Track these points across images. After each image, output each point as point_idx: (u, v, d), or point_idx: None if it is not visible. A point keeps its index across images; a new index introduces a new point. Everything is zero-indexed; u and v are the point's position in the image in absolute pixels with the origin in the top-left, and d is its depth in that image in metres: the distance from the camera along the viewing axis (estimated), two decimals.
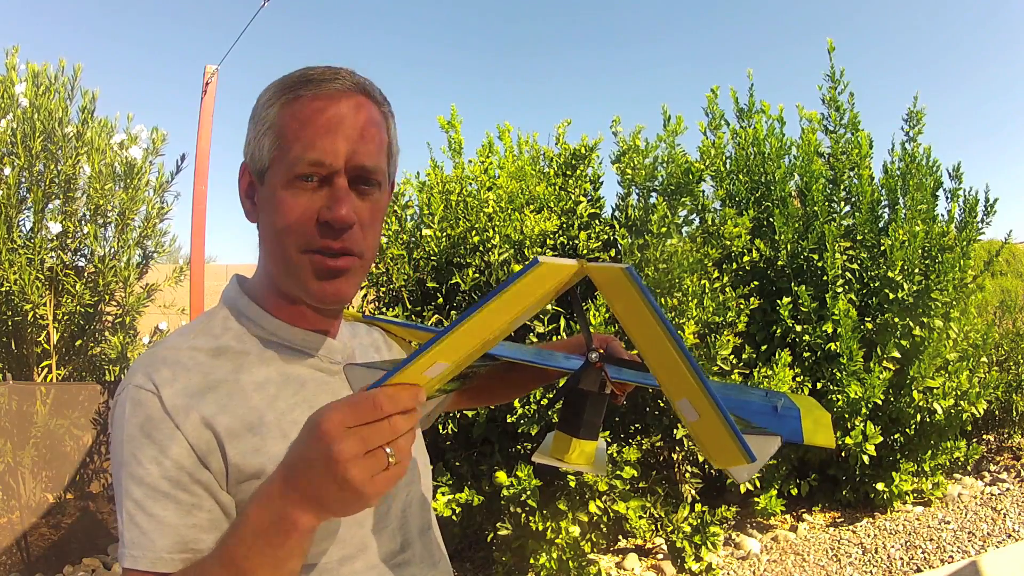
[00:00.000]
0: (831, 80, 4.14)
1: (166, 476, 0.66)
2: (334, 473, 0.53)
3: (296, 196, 0.71)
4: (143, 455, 0.66)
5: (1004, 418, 4.67)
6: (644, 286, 0.54)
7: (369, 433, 0.54)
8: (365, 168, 0.72)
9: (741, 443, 0.59)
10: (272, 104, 0.73)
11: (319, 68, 0.74)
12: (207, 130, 6.04)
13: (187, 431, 0.67)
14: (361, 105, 0.73)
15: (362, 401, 0.54)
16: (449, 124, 3.91)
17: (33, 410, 3.82)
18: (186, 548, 0.66)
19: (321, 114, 0.71)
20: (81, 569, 3.66)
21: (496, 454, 3.30)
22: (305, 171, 0.70)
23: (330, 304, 0.76)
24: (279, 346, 0.77)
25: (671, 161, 3.64)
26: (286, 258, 0.73)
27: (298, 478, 0.56)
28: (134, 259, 4.63)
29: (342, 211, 0.70)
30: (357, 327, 0.94)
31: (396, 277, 3.49)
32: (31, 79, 4.29)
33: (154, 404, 0.67)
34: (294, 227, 0.71)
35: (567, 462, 0.79)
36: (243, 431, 0.70)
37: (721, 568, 3.31)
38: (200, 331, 0.75)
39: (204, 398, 0.69)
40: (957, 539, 3.35)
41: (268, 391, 0.73)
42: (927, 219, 3.92)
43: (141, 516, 0.65)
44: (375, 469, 0.54)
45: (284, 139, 0.71)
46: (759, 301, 3.61)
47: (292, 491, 0.56)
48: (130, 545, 0.65)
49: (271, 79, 0.77)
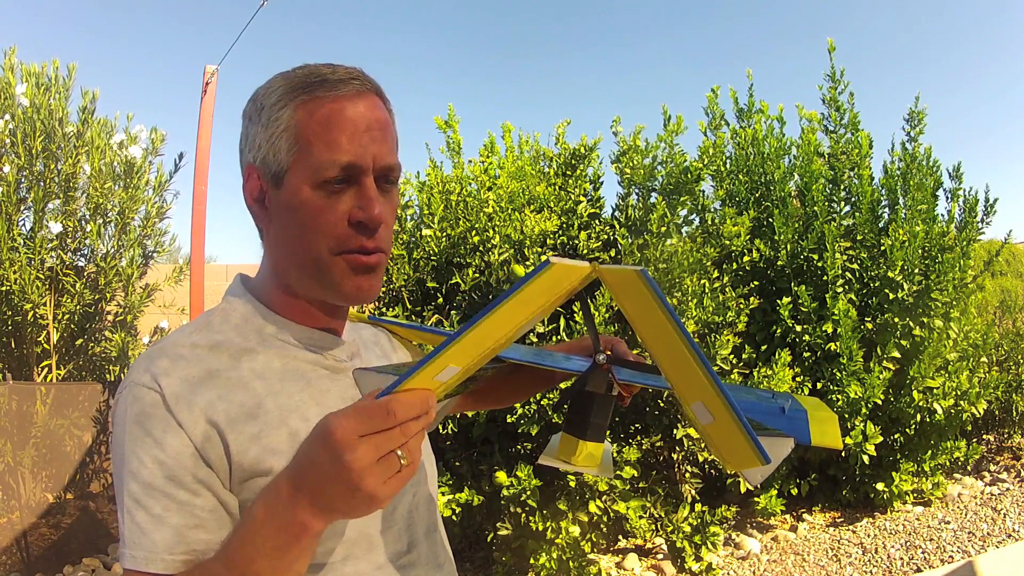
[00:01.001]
0: (831, 80, 4.14)
1: (166, 474, 0.65)
2: (347, 481, 0.53)
3: (326, 198, 0.71)
4: (143, 452, 0.65)
5: (1004, 418, 4.67)
6: (658, 289, 0.54)
7: (381, 440, 0.54)
8: (389, 167, 0.74)
9: (756, 445, 0.59)
10: (285, 105, 0.72)
11: (329, 67, 0.74)
12: (207, 130, 6.05)
13: (187, 425, 0.67)
14: (377, 106, 0.74)
15: (375, 409, 0.54)
16: (447, 124, 3.91)
17: (33, 410, 3.82)
18: (188, 549, 0.65)
19: (345, 116, 0.71)
20: (81, 569, 3.66)
21: (496, 454, 3.30)
22: (336, 174, 0.70)
23: (362, 300, 0.76)
24: (283, 343, 0.77)
25: (671, 161, 3.64)
26: (316, 260, 0.73)
27: (308, 483, 0.56)
28: (135, 258, 4.63)
29: (375, 211, 0.71)
30: (361, 327, 0.94)
31: (396, 277, 3.49)
32: (31, 79, 4.29)
33: (153, 399, 0.67)
34: (326, 229, 0.71)
35: (573, 464, 0.79)
36: (242, 418, 0.69)
37: (721, 568, 3.31)
38: (200, 327, 0.75)
39: (203, 386, 0.69)
40: (957, 539, 3.35)
41: (268, 380, 0.73)
42: (927, 219, 3.92)
43: (141, 514, 0.65)
44: (387, 473, 0.54)
45: (305, 141, 0.71)
46: (759, 301, 3.61)
47: (302, 495, 0.56)
48: (130, 544, 0.65)
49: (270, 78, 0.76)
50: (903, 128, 4.13)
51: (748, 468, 0.63)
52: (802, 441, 0.73)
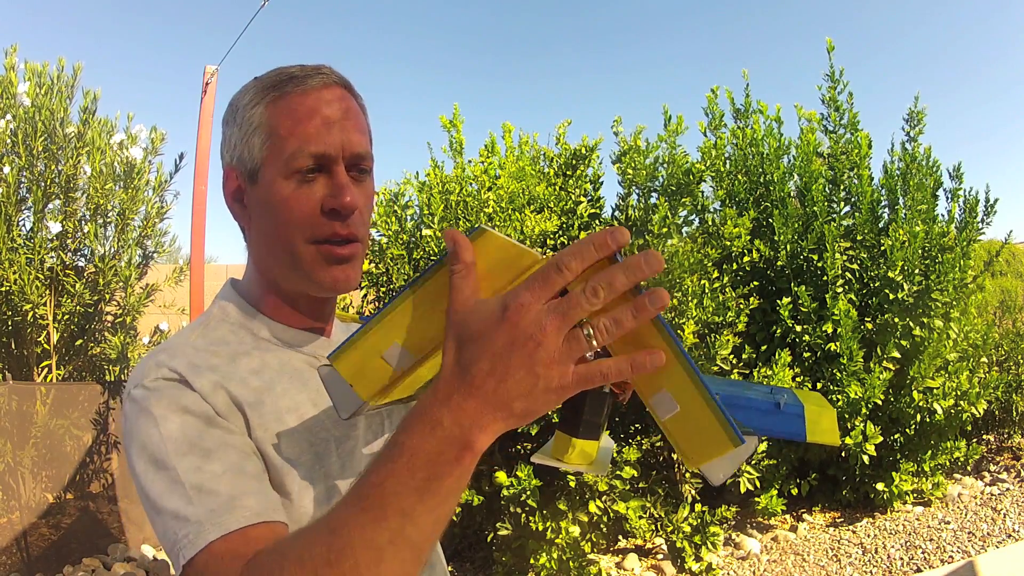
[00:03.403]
0: (830, 80, 4.14)
1: (198, 428, 0.65)
2: (533, 356, 0.46)
3: (297, 189, 0.72)
4: (169, 421, 0.64)
5: (1004, 418, 4.67)
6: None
7: (566, 306, 0.47)
8: (360, 155, 0.75)
9: (729, 423, 0.54)
10: (256, 104, 0.74)
11: (296, 66, 0.76)
12: (207, 130, 6.04)
13: (203, 391, 0.67)
14: (346, 96, 0.76)
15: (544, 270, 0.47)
16: (451, 124, 3.91)
17: (33, 410, 3.82)
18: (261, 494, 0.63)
19: (314, 107, 0.73)
20: (81, 569, 3.66)
21: (496, 454, 3.30)
22: (306, 163, 0.72)
23: (339, 291, 0.77)
24: (276, 345, 0.78)
25: (672, 162, 3.64)
26: (292, 251, 0.74)
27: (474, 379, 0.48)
28: (135, 259, 4.64)
29: (347, 198, 0.72)
30: (353, 327, 0.94)
31: (396, 277, 3.49)
32: (33, 79, 4.29)
33: (163, 380, 0.67)
34: (299, 218, 0.72)
35: (566, 462, 0.78)
36: (245, 406, 0.70)
37: (721, 568, 3.31)
38: (196, 331, 0.77)
39: (204, 376, 0.69)
40: (957, 539, 3.35)
41: (264, 376, 0.74)
42: (927, 219, 3.92)
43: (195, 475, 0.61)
44: (574, 353, 0.47)
45: (276, 136, 0.73)
46: (759, 301, 3.61)
47: (467, 398, 0.48)
48: (183, 523, 0.59)
49: None
50: (903, 128, 4.14)
51: (717, 456, 0.59)
52: (798, 438, 0.73)
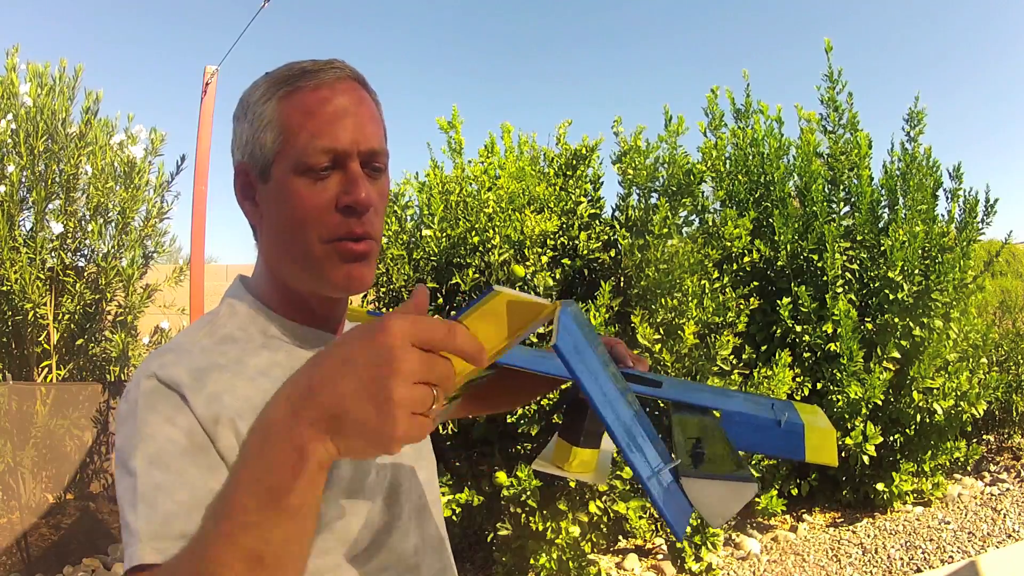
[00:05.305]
0: (829, 80, 4.14)
1: (179, 449, 0.62)
2: (380, 387, 0.45)
3: (310, 185, 0.70)
4: (154, 428, 0.62)
5: (1004, 418, 4.67)
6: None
7: (432, 361, 0.47)
8: (375, 151, 0.73)
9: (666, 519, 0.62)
10: (268, 99, 0.72)
11: (308, 61, 0.74)
12: (207, 130, 6.04)
13: (195, 406, 0.64)
14: (359, 91, 0.74)
15: (437, 323, 0.48)
16: (449, 124, 3.91)
17: (33, 410, 3.82)
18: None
19: (327, 102, 0.71)
20: (81, 569, 3.66)
21: (496, 454, 3.31)
22: (319, 159, 0.70)
23: (354, 291, 0.75)
24: (288, 343, 0.76)
25: (672, 162, 3.64)
26: (306, 250, 0.72)
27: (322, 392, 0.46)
28: (137, 258, 4.64)
29: (362, 193, 0.70)
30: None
31: (396, 277, 3.50)
32: (34, 80, 4.30)
33: (161, 385, 0.65)
34: (313, 216, 0.70)
35: (566, 471, 0.78)
36: (248, 412, 0.67)
37: (721, 568, 3.31)
38: (204, 329, 0.75)
39: (210, 376, 0.67)
40: (957, 539, 3.35)
41: (274, 375, 0.71)
42: (927, 219, 3.91)
43: (157, 475, 0.60)
44: (417, 406, 0.46)
45: (288, 131, 0.71)
46: (759, 301, 3.61)
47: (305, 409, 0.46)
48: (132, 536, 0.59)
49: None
50: (903, 128, 4.13)
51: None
52: (797, 457, 0.73)
